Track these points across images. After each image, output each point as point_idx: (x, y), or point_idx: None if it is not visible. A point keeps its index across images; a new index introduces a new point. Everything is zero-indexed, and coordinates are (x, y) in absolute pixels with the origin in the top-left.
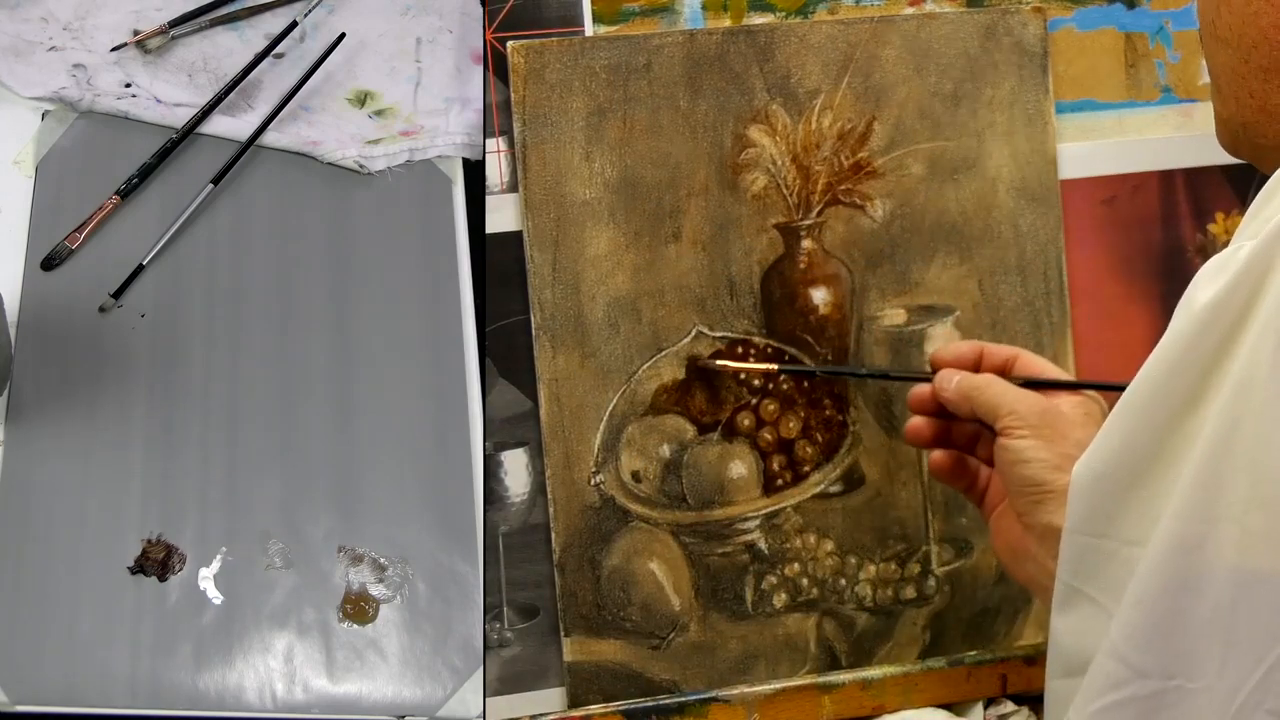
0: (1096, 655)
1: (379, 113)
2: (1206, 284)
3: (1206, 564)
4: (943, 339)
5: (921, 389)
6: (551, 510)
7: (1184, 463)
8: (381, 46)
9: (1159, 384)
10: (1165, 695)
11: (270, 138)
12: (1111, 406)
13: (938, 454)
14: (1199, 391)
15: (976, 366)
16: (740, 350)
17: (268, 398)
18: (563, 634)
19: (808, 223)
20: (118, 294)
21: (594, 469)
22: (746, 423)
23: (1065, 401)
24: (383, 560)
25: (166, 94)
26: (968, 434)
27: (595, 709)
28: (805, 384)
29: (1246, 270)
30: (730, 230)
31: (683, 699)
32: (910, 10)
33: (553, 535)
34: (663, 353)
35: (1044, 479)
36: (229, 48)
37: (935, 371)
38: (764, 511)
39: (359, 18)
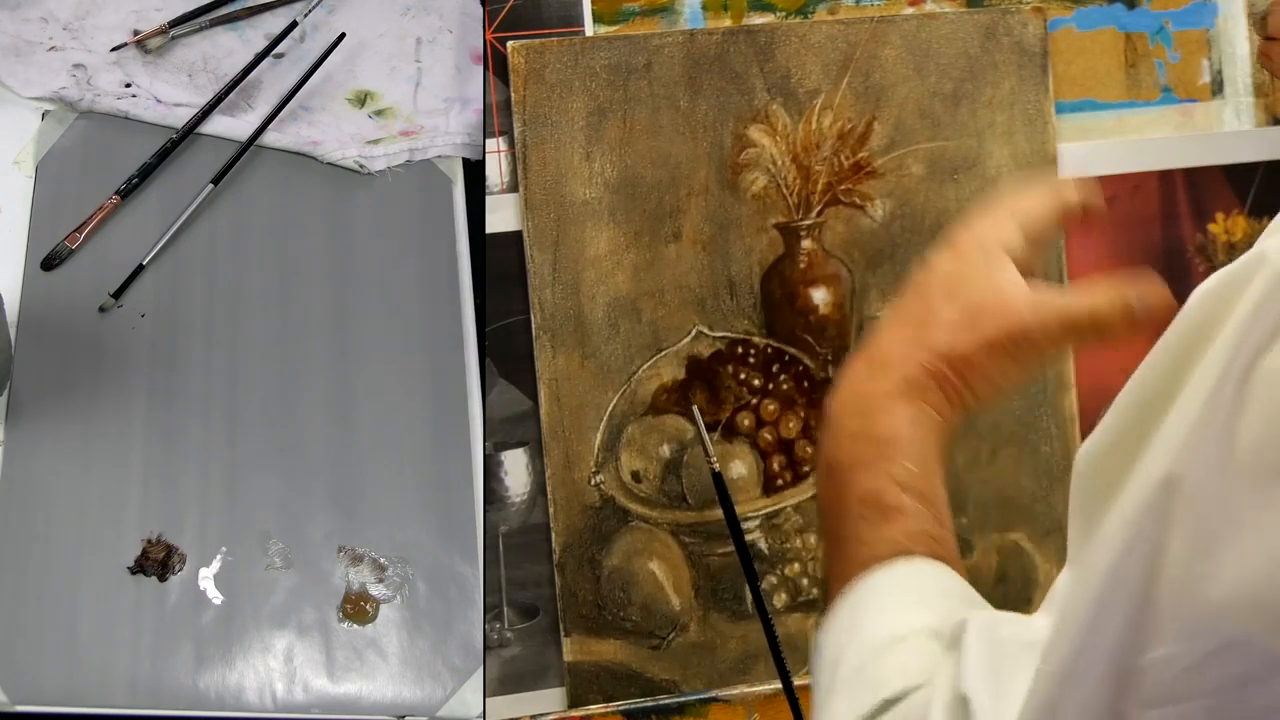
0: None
1: (379, 113)
2: (1194, 297)
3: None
4: None
5: None
6: (551, 510)
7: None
8: (381, 46)
9: (1130, 402)
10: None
11: (270, 138)
12: None
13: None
14: (1160, 406)
15: None
16: (740, 350)
17: (268, 398)
18: (563, 634)
19: (808, 223)
20: (118, 294)
21: (594, 469)
22: (747, 423)
23: None
24: (383, 560)
25: (166, 94)
26: None
27: (595, 709)
28: (805, 384)
29: (1218, 287)
30: (730, 230)
31: (683, 699)
32: (910, 10)
33: (553, 535)
34: (663, 353)
35: None
36: (229, 48)
37: None
38: (764, 511)
39: (359, 18)
